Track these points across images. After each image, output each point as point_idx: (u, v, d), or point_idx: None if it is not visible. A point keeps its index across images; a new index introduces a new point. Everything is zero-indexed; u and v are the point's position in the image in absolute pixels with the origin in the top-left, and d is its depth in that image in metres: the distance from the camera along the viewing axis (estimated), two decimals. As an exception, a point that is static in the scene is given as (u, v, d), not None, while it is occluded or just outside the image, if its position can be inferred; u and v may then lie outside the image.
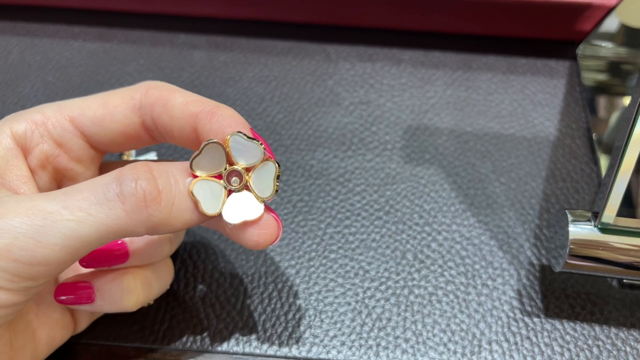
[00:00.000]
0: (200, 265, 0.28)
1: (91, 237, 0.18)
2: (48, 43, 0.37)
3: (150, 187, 0.18)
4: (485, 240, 0.29)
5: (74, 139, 0.21)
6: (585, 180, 0.31)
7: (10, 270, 0.17)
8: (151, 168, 0.19)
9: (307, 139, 0.32)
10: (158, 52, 0.37)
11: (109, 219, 0.18)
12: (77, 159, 0.22)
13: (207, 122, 0.20)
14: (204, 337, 0.25)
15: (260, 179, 0.20)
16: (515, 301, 0.27)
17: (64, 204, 0.18)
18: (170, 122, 0.20)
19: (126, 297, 0.22)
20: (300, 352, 0.25)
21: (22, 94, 0.35)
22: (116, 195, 0.18)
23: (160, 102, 0.21)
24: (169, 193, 0.19)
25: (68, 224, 0.17)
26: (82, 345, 0.25)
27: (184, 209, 0.19)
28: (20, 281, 0.17)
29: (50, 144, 0.21)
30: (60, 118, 0.21)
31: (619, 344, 0.26)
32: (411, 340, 0.26)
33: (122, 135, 0.21)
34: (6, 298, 0.17)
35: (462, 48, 0.37)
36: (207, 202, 0.20)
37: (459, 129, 0.33)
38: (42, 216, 0.17)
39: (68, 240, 0.17)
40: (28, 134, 0.21)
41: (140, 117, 0.21)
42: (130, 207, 0.18)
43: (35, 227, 0.17)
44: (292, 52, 0.37)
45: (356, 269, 0.28)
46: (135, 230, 0.19)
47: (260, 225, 0.20)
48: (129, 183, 0.18)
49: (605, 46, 0.36)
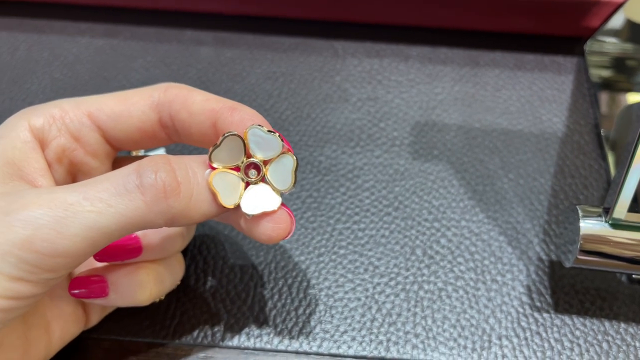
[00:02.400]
0: (210, 261, 0.28)
1: (111, 228, 0.18)
2: (55, 39, 0.37)
3: (169, 179, 0.19)
4: (494, 236, 0.29)
5: (90, 133, 0.21)
6: (593, 176, 0.31)
7: (31, 261, 0.17)
8: (170, 160, 0.19)
9: (315, 135, 0.32)
10: (165, 48, 0.37)
11: (129, 210, 0.18)
12: (93, 154, 0.22)
13: (228, 116, 0.20)
14: (215, 332, 0.26)
15: (278, 171, 0.20)
16: (525, 297, 0.27)
17: (85, 195, 0.18)
18: (189, 118, 0.21)
19: (140, 291, 0.22)
20: (311, 347, 0.25)
21: (29, 90, 0.35)
22: (136, 187, 0.18)
23: (180, 99, 0.21)
24: (188, 184, 0.19)
25: (89, 215, 0.17)
26: (93, 340, 0.25)
27: (202, 200, 0.19)
28: (40, 273, 0.17)
29: (67, 138, 0.21)
30: (78, 113, 0.21)
31: (629, 339, 0.26)
32: (421, 336, 0.26)
33: (138, 131, 0.22)
34: (25, 289, 0.17)
35: (470, 44, 0.37)
36: (225, 194, 0.20)
37: (467, 125, 0.33)
38: (63, 207, 0.17)
39: (88, 231, 0.17)
40: (46, 127, 0.21)
41: (157, 114, 0.21)
42: (150, 198, 0.18)
43: (57, 218, 0.17)
44: (300, 49, 0.37)
45: (366, 264, 0.28)
46: (155, 222, 0.19)
47: (275, 219, 0.20)
48: (149, 175, 0.18)
49: (612, 42, 0.36)
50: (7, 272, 0.17)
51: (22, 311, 0.18)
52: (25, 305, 0.18)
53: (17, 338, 0.21)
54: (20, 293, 0.17)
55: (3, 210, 0.17)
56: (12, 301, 0.17)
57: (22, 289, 0.17)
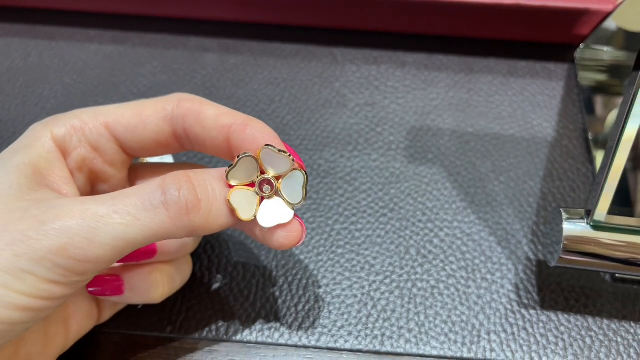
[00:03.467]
0: (214, 260, 0.29)
1: (137, 239, 0.19)
2: (65, 46, 0.39)
3: (191, 196, 0.20)
4: (485, 236, 0.30)
5: (108, 144, 0.23)
6: (581, 179, 0.32)
7: (65, 266, 0.19)
8: (191, 178, 0.21)
9: (315, 139, 0.34)
10: (171, 54, 0.38)
11: (154, 223, 0.20)
12: (111, 162, 0.23)
13: (240, 133, 0.21)
14: (219, 327, 0.27)
15: (290, 186, 0.22)
16: (513, 294, 0.28)
17: (114, 208, 0.19)
18: (202, 133, 0.22)
19: (153, 290, 0.24)
20: (309, 341, 0.27)
21: (41, 95, 0.36)
22: (161, 203, 0.20)
23: (193, 114, 0.22)
24: (207, 200, 0.21)
25: (118, 227, 0.19)
26: (105, 335, 0.27)
27: (220, 214, 0.21)
28: (71, 276, 0.19)
29: (87, 148, 0.23)
30: (97, 124, 0.23)
31: (611, 335, 0.27)
32: (414, 331, 0.27)
33: (153, 142, 0.23)
34: (58, 291, 0.19)
35: (464, 51, 0.38)
36: (242, 209, 0.21)
37: (461, 129, 0.34)
38: (95, 219, 0.19)
39: (117, 241, 0.19)
40: (67, 138, 0.22)
41: (171, 126, 0.23)
42: (174, 213, 0.20)
43: (89, 228, 0.19)
44: (300, 55, 0.38)
45: (362, 263, 0.29)
46: (177, 234, 0.20)
47: (287, 229, 0.22)
48: (173, 192, 0.20)
49: (602, 49, 0.37)
50: (43, 275, 0.18)
51: (51, 310, 0.20)
52: (55, 305, 0.20)
53: (38, 333, 0.22)
54: (53, 294, 0.19)
55: (39, 219, 0.19)
56: (45, 301, 0.19)
57: (55, 290, 0.19)
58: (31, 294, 0.19)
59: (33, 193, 0.20)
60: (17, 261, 0.18)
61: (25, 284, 0.18)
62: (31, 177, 0.21)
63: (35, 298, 0.19)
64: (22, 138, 0.22)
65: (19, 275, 0.18)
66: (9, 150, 0.22)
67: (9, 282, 0.18)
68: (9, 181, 0.20)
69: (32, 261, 0.18)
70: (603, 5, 0.35)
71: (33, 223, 0.19)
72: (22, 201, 0.20)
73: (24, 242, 0.18)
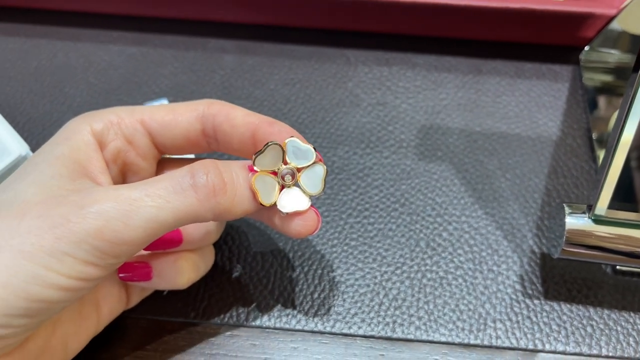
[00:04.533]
0: (235, 250, 0.31)
1: (168, 221, 0.21)
2: (90, 47, 0.41)
3: (218, 179, 0.22)
4: (491, 230, 0.32)
5: (142, 138, 0.25)
6: (584, 176, 0.34)
7: (101, 248, 0.20)
8: (217, 164, 0.22)
9: (329, 137, 0.35)
10: (191, 55, 0.40)
11: (184, 205, 0.21)
12: (143, 156, 0.25)
13: (267, 128, 0.23)
14: (240, 313, 0.29)
15: (310, 177, 0.24)
16: (518, 285, 0.30)
17: (146, 192, 0.21)
18: (230, 129, 0.24)
19: (179, 276, 0.25)
20: (325, 327, 0.28)
21: (68, 94, 0.38)
22: (190, 186, 0.21)
23: (223, 113, 0.24)
24: (232, 185, 0.22)
25: (150, 210, 0.20)
26: (132, 320, 0.29)
27: (244, 199, 0.23)
28: (107, 258, 0.20)
29: (122, 141, 0.24)
30: (132, 120, 0.24)
31: (611, 324, 0.29)
32: (424, 318, 0.29)
33: (183, 139, 0.25)
34: (94, 272, 0.20)
35: (473, 53, 0.39)
36: (264, 194, 0.23)
37: (469, 128, 0.36)
38: (128, 202, 0.20)
39: (149, 223, 0.20)
40: (104, 131, 0.24)
41: (201, 124, 0.24)
42: (202, 196, 0.21)
43: (123, 211, 0.20)
44: (315, 57, 0.39)
45: (374, 254, 0.31)
46: (204, 216, 0.22)
47: (304, 217, 0.23)
48: (201, 176, 0.21)
49: (606, 52, 0.38)
50: (81, 257, 0.20)
51: (87, 291, 0.21)
52: (91, 286, 0.21)
53: (73, 314, 0.24)
54: (90, 275, 0.20)
55: (78, 204, 0.20)
56: (82, 282, 0.20)
57: (92, 272, 0.20)
58: (70, 275, 0.20)
59: (72, 182, 0.22)
60: (58, 244, 0.20)
61: (64, 265, 0.20)
62: (71, 167, 0.22)
63: (73, 279, 0.20)
64: (61, 131, 0.24)
65: (59, 257, 0.20)
66: (49, 143, 0.23)
67: (51, 263, 0.20)
68: (50, 172, 0.22)
69: (71, 243, 0.20)
70: (607, 9, 0.36)
71: (72, 208, 0.20)
72: (63, 190, 0.21)
73: (64, 225, 0.20)
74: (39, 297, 0.20)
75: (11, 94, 0.38)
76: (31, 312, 0.20)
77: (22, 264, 0.19)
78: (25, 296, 0.19)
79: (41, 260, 0.20)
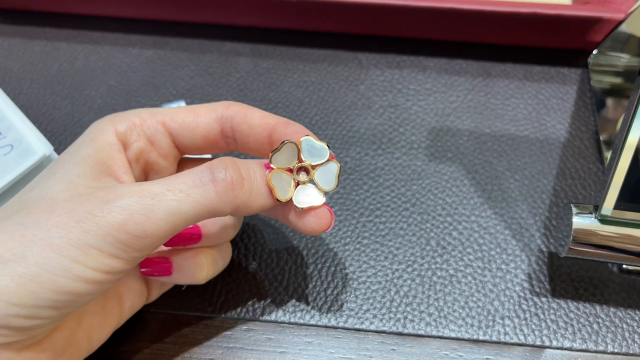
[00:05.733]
0: (250, 248, 0.32)
1: (189, 214, 0.22)
2: (109, 50, 0.42)
3: (236, 174, 0.23)
4: (500, 229, 0.32)
5: (163, 139, 0.26)
6: (592, 177, 0.34)
7: (125, 241, 0.21)
8: (235, 161, 0.23)
9: (342, 138, 0.36)
10: (207, 58, 0.41)
11: (204, 198, 0.22)
12: (164, 156, 0.26)
13: (283, 128, 0.24)
14: (255, 309, 0.30)
15: (324, 174, 0.25)
16: (526, 283, 0.30)
17: (167, 187, 0.22)
18: (248, 130, 0.25)
19: (198, 272, 0.26)
20: (338, 322, 0.29)
21: (88, 96, 0.39)
22: (210, 181, 0.22)
23: (241, 114, 0.25)
24: (250, 180, 0.23)
25: (171, 203, 0.21)
26: (152, 314, 0.30)
27: (261, 194, 0.24)
28: (131, 251, 0.21)
29: (144, 142, 0.25)
30: (154, 121, 0.25)
31: (617, 322, 0.29)
32: (434, 315, 0.30)
33: (203, 139, 0.26)
34: (118, 265, 0.21)
35: (482, 56, 0.40)
36: (280, 190, 0.24)
37: (478, 130, 0.37)
38: (150, 196, 0.21)
39: (171, 216, 0.21)
40: (128, 132, 0.25)
41: (220, 125, 0.25)
42: (221, 189, 0.22)
43: (146, 205, 0.21)
44: (328, 60, 0.40)
45: (386, 253, 0.32)
46: (223, 210, 0.23)
47: (318, 214, 0.24)
48: (220, 171, 0.22)
49: (614, 55, 0.39)
50: (106, 250, 0.21)
51: (111, 285, 0.22)
52: (115, 280, 0.22)
53: (97, 307, 0.25)
54: (115, 268, 0.21)
55: (103, 199, 0.21)
56: (108, 275, 0.21)
57: (116, 265, 0.21)
58: (96, 268, 0.21)
59: (97, 181, 0.23)
60: (85, 237, 0.20)
61: (91, 258, 0.21)
62: (95, 167, 0.23)
63: (99, 272, 0.21)
64: (87, 132, 0.25)
65: (86, 250, 0.21)
66: (75, 143, 0.25)
67: (78, 256, 0.20)
68: (76, 171, 0.23)
69: (97, 237, 0.21)
70: (615, 14, 0.37)
71: (98, 203, 0.21)
72: (88, 188, 0.22)
73: (90, 220, 0.21)
74: (67, 290, 0.21)
75: (34, 96, 0.39)
76: (59, 304, 0.21)
77: (50, 257, 0.20)
78: (54, 288, 0.20)
79: (69, 253, 0.20)
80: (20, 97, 0.39)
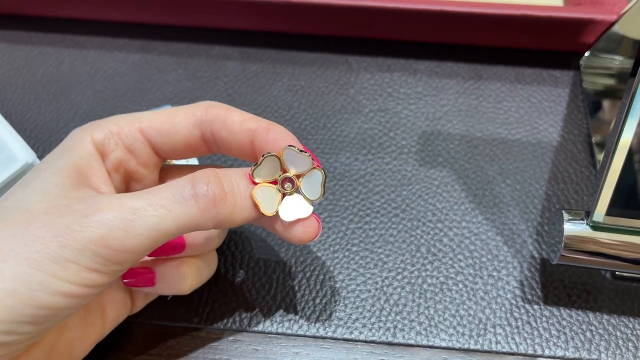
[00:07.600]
0: (237, 256, 0.31)
1: (170, 230, 0.21)
2: (96, 54, 0.41)
3: (218, 190, 0.22)
4: (491, 236, 0.32)
5: (142, 147, 0.25)
6: (584, 182, 0.34)
7: (104, 255, 0.21)
8: (218, 174, 0.23)
9: (331, 143, 0.36)
10: (195, 62, 0.40)
11: (185, 215, 0.21)
12: (144, 164, 0.25)
13: (264, 135, 0.24)
14: (242, 319, 0.29)
15: (309, 184, 0.24)
16: (518, 290, 0.30)
17: (149, 202, 0.21)
18: (228, 136, 0.24)
19: (182, 282, 0.26)
20: (326, 332, 0.29)
21: (74, 101, 0.39)
22: (191, 196, 0.22)
23: (220, 119, 0.24)
24: (233, 194, 0.23)
25: (152, 219, 0.21)
26: (137, 325, 0.29)
27: (244, 208, 0.23)
28: (111, 265, 0.21)
29: (123, 151, 0.25)
30: (132, 129, 0.25)
31: (610, 329, 0.29)
32: (424, 324, 0.29)
33: (183, 145, 0.25)
34: (98, 279, 0.21)
35: (474, 59, 0.40)
36: (265, 204, 0.23)
37: (470, 134, 0.36)
38: (131, 212, 0.21)
39: (151, 232, 0.21)
40: (105, 141, 0.24)
41: (200, 130, 0.25)
42: (203, 205, 0.22)
43: (126, 220, 0.21)
44: (317, 63, 0.40)
45: (375, 260, 0.31)
46: (205, 225, 0.22)
47: (305, 224, 0.24)
48: (202, 186, 0.22)
49: (607, 57, 0.39)
50: (85, 264, 0.20)
51: (92, 298, 0.22)
52: (96, 293, 0.21)
53: (79, 320, 0.24)
54: (95, 282, 0.21)
55: (81, 213, 0.21)
56: (87, 289, 0.21)
57: (96, 278, 0.21)
58: (75, 282, 0.20)
59: (75, 191, 0.22)
60: (63, 251, 0.20)
61: (69, 272, 0.20)
62: (74, 177, 0.23)
63: (79, 285, 0.21)
64: (64, 142, 0.24)
65: (64, 265, 0.20)
66: (53, 152, 0.24)
67: (56, 270, 0.20)
68: (54, 181, 0.22)
69: (75, 251, 0.20)
70: (607, 15, 0.36)
71: (76, 217, 0.21)
72: (66, 199, 0.22)
73: (68, 234, 0.20)
74: (45, 304, 0.20)
75: (18, 102, 0.39)
76: (37, 319, 0.20)
77: (28, 272, 0.20)
78: (31, 303, 0.20)
79: (47, 268, 0.20)
80: (4, 102, 0.39)
